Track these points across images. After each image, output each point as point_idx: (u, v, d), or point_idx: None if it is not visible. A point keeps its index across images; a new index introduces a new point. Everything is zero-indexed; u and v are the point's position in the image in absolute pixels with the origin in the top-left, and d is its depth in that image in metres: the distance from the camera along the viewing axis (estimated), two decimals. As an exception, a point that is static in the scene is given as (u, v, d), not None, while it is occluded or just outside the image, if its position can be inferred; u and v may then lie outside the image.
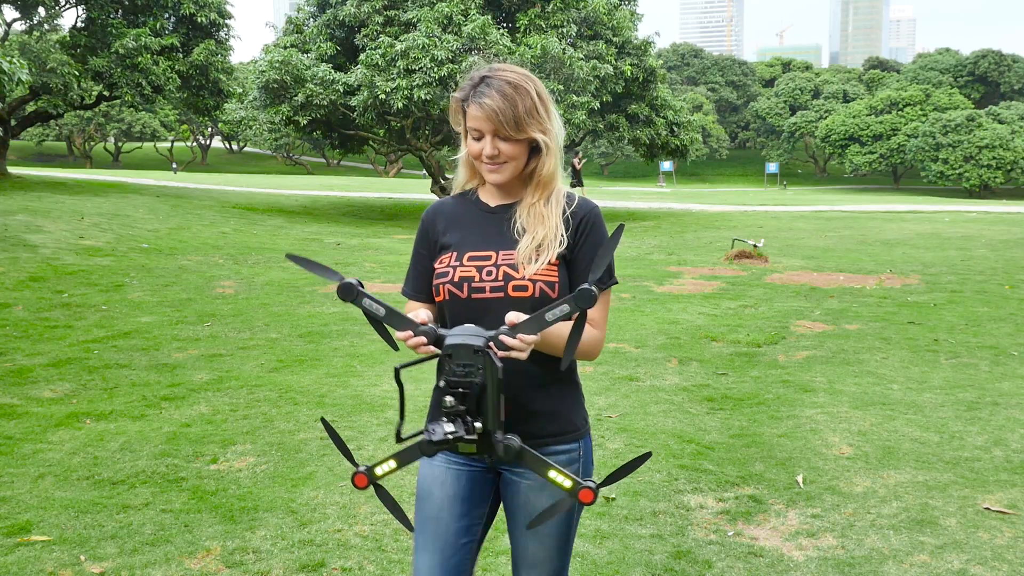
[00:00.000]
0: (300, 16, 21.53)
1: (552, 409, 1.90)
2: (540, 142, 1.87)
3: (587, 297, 1.58)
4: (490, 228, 1.91)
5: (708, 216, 21.10)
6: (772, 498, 3.94)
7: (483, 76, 1.86)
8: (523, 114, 1.84)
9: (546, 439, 1.89)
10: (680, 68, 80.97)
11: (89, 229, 12.71)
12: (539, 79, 1.94)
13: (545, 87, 1.92)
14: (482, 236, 1.91)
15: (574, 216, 1.88)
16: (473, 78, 1.88)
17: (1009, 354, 6.73)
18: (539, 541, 1.95)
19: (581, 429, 1.95)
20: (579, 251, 1.88)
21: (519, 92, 1.84)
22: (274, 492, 3.94)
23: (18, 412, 5.09)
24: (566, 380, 1.93)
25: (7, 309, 7.78)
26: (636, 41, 20.41)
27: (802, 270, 11.33)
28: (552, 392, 1.90)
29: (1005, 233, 15.59)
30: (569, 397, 1.94)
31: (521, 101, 1.84)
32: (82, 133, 62.89)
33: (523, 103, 1.85)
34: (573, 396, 1.96)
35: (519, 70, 1.89)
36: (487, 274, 1.84)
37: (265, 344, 6.97)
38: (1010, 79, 67.89)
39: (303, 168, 68.11)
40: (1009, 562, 3.31)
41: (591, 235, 1.88)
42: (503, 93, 1.83)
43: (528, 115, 1.85)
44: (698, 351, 6.92)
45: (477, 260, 1.87)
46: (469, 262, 1.87)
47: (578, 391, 1.98)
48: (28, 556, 3.28)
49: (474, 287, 1.84)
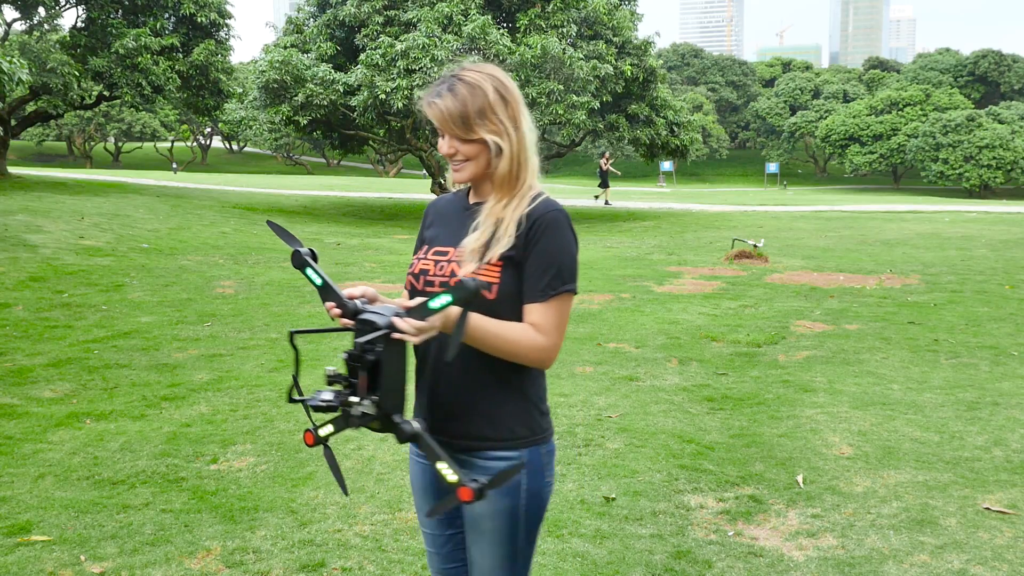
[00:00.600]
0: (300, 16, 21.54)
1: (490, 412, 1.86)
2: (490, 143, 1.84)
3: (462, 289, 1.60)
4: (460, 225, 1.93)
5: (708, 216, 21.09)
6: (772, 498, 3.94)
7: (448, 75, 1.88)
8: (473, 114, 1.83)
9: (483, 442, 1.86)
10: (680, 68, 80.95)
11: (89, 229, 12.71)
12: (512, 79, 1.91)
13: (513, 88, 1.87)
14: (451, 232, 1.94)
15: (528, 218, 1.82)
16: (442, 77, 1.89)
17: (1009, 354, 6.73)
18: (480, 549, 1.93)
19: (525, 439, 1.87)
20: (529, 254, 1.81)
21: (473, 92, 1.83)
22: (274, 492, 3.94)
23: (18, 412, 5.09)
24: (509, 385, 1.86)
25: (7, 309, 7.78)
26: (636, 41, 20.41)
27: (802, 270, 11.33)
28: (492, 395, 1.86)
29: (1005, 233, 15.59)
30: (512, 403, 1.87)
31: (473, 101, 1.82)
32: (82, 133, 62.90)
33: (475, 103, 1.82)
34: (517, 403, 1.87)
35: (486, 69, 1.87)
36: (440, 268, 1.88)
37: (265, 344, 6.97)
38: (1010, 79, 67.88)
39: (303, 168, 68.12)
40: (1009, 562, 3.31)
41: (542, 239, 1.80)
42: (456, 93, 1.83)
43: (480, 115, 1.82)
44: (698, 351, 6.92)
45: (438, 254, 1.92)
46: (432, 256, 1.92)
47: (525, 400, 1.88)
48: (28, 556, 3.28)
49: (427, 280, 1.89)
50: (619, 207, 25.32)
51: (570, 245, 1.84)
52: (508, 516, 1.88)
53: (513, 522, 1.89)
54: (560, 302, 1.82)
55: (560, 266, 1.81)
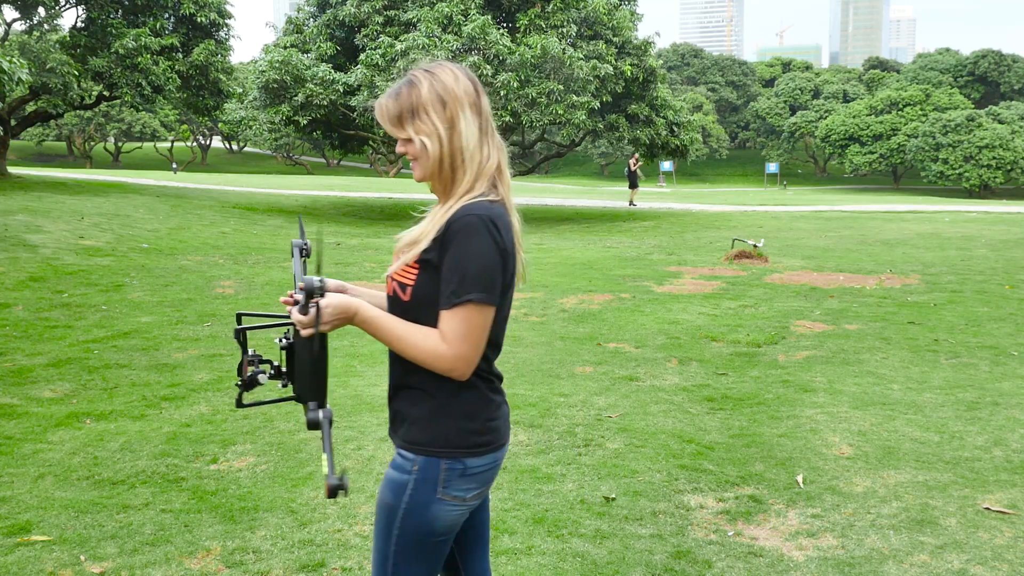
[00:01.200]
0: (300, 16, 21.55)
1: (404, 411, 1.86)
2: (416, 142, 1.81)
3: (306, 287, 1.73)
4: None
5: (708, 216, 21.09)
6: (772, 498, 3.94)
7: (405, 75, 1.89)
8: (405, 111, 1.82)
9: (396, 438, 1.89)
10: (680, 68, 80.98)
11: (89, 229, 12.71)
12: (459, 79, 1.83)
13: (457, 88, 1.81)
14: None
15: (447, 222, 1.77)
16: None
17: (1009, 354, 6.73)
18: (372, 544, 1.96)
19: (423, 446, 1.82)
20: (443, 259, 1.77)
21: (411, 89, 1.82)
22: (274, 492, 3.94)
23: (18, 412, 5.09)
24: (424, 392, 1.83)
25: (7, 309, 7.77)
26: (636, 41, 20.40)
27: (802, 270, 11.33)
28: (409, 396, 1.85)
29: (1005, 233, 15.59)
30: (423, 407, 1.83)
31: (407, 100, 1.81)
32: (82, 133, 62.90)
33: (408, 100, 1.81)
34: (431, 410, 1.82)
35: (433, 67, 1.84)
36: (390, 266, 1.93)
37: (265, 344, 6.96)
38: (1010, 79, 67.90)
39: (303, 168, 68.13)
40: (1009, 562, 3.31)
41: (452, 245, 1.75)
42: (396, 91, 1.84)
43: (412, 114, 1.81)
44: (698, 351, 6.92)
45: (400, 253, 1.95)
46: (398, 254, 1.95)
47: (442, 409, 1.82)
48: (28, 556, 3.28)
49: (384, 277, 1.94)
50: (619, 207, 25.32)
51: (481, 253, 1.74)
52: (386, 513, 1.85)
53: (389, 521, 1.85)
54: (465, 312, 1.74)
55: (465, 274, 1.73)
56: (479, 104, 1.85)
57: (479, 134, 1.83)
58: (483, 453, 1.86)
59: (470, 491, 1.86)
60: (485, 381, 1.87)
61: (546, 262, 12.20)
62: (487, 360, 1.86)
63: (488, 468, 1.88)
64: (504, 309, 1.87)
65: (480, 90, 1.87)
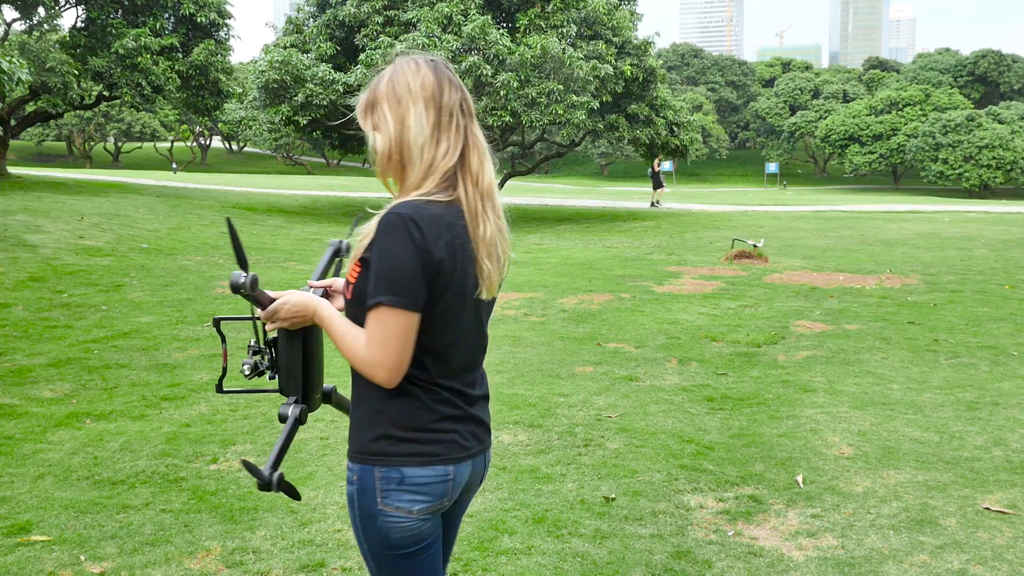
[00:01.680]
0: (300, 16, 21.54)
1: (353, 418, 1.83)
2: (369, 136, 1.78)
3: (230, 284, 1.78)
4: None
5: (708, 216, 21.09)
6: (772, 498, 3.94)
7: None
8: (368, 104, 1.79)
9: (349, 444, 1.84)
10: (680, 68, 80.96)
11: (89, 229, 12.71)
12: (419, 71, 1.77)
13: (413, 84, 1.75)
14: None
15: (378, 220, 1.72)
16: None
17: (1009, 354, 6.73)
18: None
19: (361, 455, 1.77)
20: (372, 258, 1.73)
21: (376, 82, 1.80)
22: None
23: (18, 412, 5.09)
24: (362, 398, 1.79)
25: (7, 309, 7.77)
26: (636, 41, 20.40)
27: (802, 270, 11.33)
28: (355, 404, 1.82)
29: (1005, 233, 15.59)
30: (359, 413, 1.79)
31: (372, 91, 1.80)
32: (82, 133, 62.88)
33: (372, 93, 1.79)
34: (368, 417, 1.77)
35: (398, 61, 1.79)
36: None
37: (265, 344, 6.96)
38: (1010, 79, 67.89)
39: (303, 168, 68.11)
40: (1009, 562, 3.31)
41: (375, 244, 1.69)
42: (369, 84, 1.83)
43: (370, 108, 1.78)
44: (698, 351, 6.92)
45: None
46: None
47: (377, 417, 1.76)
48: (28, 556, 3.28)
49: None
50: (619, 207, 25.32)
51: (395, 254, 1.65)
52: (352, 526, 1.84)
53: (356, 535, 1.83)
54: (378, 315, 1.66)
55: (379, 275, 1.66)
56: (438, 98, 1.75)
57: (432, 129, 1.73)
58: (423, 464, 1.75)
59: (416, 503, 1.75)
60: (424, 390, 1.75)
61: (546, 262, 12.20)
62: (424, 369, 1.74)
63: (436, 481, 1.76)
64: (446, 316, 1.73)
65: (445, 84, 1.77)
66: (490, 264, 1.75)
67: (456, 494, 1.83)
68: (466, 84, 17.30)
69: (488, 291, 1.77)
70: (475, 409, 1.84)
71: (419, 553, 1.80)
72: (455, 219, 1.72)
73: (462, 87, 1.80)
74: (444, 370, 1.77)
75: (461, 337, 1.78)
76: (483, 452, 1.88)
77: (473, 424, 1.83)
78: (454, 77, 1.80)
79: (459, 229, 1.72)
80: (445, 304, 1.72)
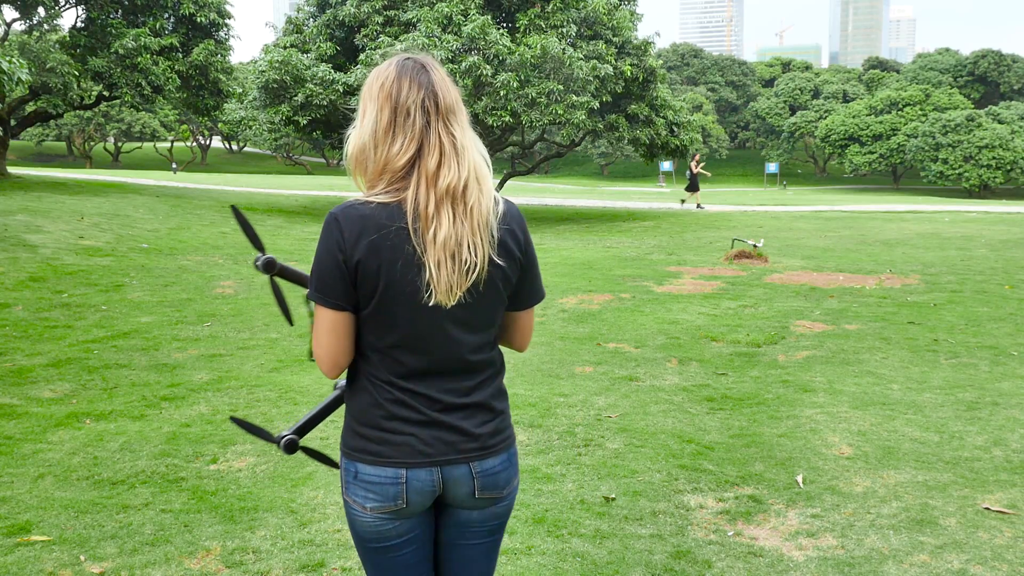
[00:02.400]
0: (300, 16, 21.54)
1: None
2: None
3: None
4: None
5: (708, 216, 21.09)
6: (772, 498, 3.94)
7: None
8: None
9: None
10: (680, 68, 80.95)
11: (89, 229, 12.70)
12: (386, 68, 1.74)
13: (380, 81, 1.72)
14: None
15: None
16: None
17: (1009, 354, 6.73)
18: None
19: (341, 444, 1.82)
20: None
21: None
22: (274, 492, 3.94)
23: (18, 412, 5.09)
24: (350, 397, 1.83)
25: (7, 309, 7.77)
26: (636, 41, 20.40)
27: (802, 270, 11.33)
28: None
29: (1005, 233, 15.59)
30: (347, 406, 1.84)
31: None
32: (82, 133, 62.88)
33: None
34: (346, 409, 1.82)
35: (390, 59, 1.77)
36: None
37: (265, 344, 6.97)
38: (1010, 79, 67.89)
39: (303, 168, 68.10)
40: (1009, 562, 3.31)
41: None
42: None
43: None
44: (698, 351, 6.92)
45: None
46: None
47: (348, 408, 1.80)
48: (28, 556, 3.28)
49: None
50: (619, 207, 25.31)
51: (319, 251, 1.69)
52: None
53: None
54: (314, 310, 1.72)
55: (311, 271, 1.71)
56: (395, 96, 1.69)
57: (387, 127, 1.69)
58: (372, 463, 1.73)
59: (368, 500, 1.74)
60: (377, 388, 1.74)
61: (546, 262, 12.20)
62: (377, 367, 1.73)
63: (385, 482, 1.72)
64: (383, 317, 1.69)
65: (405, 82, 1.70)
66: (445, 269, 1.65)
67: (421, 499, 1.76)
68: (466, 84, 17.38)
69: (444, 297, 1.66)
70: (451, 417, 1.75)
71: (388, 551, 1.80)
72: (390, 220, 1.65)
73: (432, 85, 1.71)
74: (401, 371, 1.73)
75: (414, 340, 1.71)
76: (464, 462, 1.76)
77: (443, 430, 1.74)
78: (422, 76, 1.71)
79: (393, 231, 1.65)
80: (380, 305, 1.68)
